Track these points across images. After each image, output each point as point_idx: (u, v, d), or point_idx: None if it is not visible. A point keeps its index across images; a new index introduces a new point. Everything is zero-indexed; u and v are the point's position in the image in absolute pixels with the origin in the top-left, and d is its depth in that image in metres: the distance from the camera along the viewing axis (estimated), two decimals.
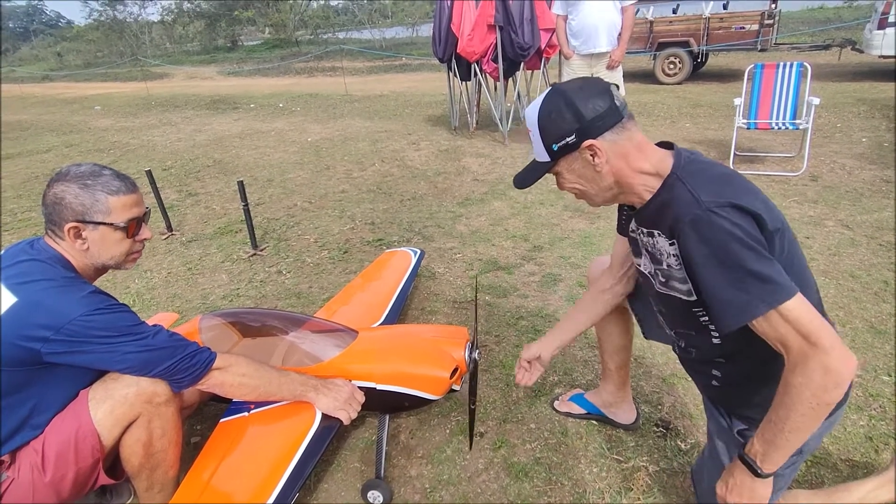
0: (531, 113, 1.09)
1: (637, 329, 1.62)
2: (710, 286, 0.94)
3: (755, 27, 8.51)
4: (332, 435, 1.47)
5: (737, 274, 0.90)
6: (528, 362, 1.54)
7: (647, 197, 1.07)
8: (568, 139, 1.04)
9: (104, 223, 1.27)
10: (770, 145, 4.95)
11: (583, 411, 1.84)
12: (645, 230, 1.11)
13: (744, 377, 1.11)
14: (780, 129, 4.26)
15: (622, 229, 1.32)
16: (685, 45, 8.92)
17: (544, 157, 1.10)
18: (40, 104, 13.58)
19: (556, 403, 1.91)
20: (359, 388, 1.58)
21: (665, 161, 1.06)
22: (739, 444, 1.15)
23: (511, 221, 3.68)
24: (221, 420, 1.54)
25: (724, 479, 1.07)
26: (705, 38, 8.79)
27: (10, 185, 5.52)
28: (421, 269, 2.92)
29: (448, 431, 1.85)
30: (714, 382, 1.18)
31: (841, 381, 0.86)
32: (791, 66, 4.24)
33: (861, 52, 8.24)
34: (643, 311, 1.52)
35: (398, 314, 2.19)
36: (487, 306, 2.62)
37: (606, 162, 1.05)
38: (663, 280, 1.10)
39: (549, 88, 1.10)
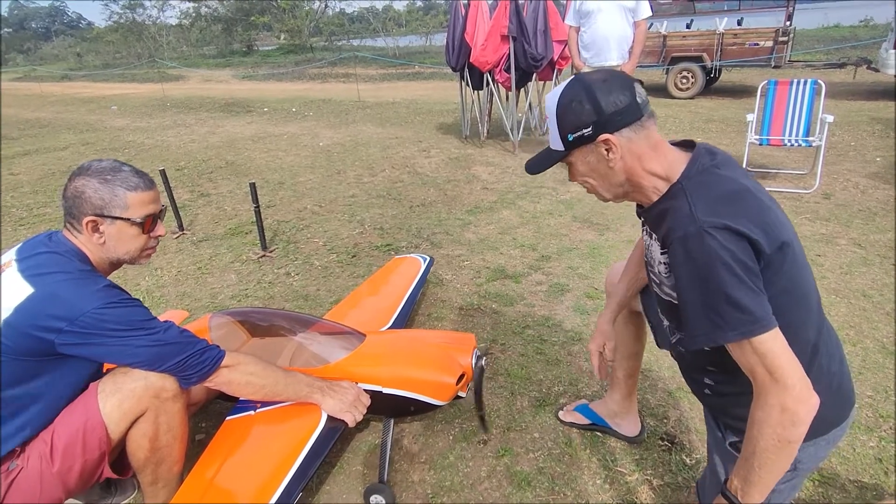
0: (551, 99, 1.07)
1: (649, 339, 1.61)
2: (687, 303, 0.94)
3: (769, 44, 8.48)
4: (336, 437, 1.48)
5: (716, 298, 0.90)
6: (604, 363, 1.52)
7: (654, 199, 1.06)
8: (584, 131, 1.02)
9: (121, 218, 1.29)
10: (782, 162, 4.93)
11: (587, 422, 1.83)
12: (648, 230, 1.11)
13: (734, 388, 1.09)
14: (792, 145, 4.24)
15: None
16: (698, 59, 8.91)
17: (559, 146, 1.08)
18: (59, 103, 13.82)
19: (560, 413, 1.90)
20: (365, 391, 1.58)
21: (677, 165, 1.03)
22: (733, 458, 1.14)
23: (519, 230, 3.68)
24: (227, 418, 1.55)
25: None
26: (719, 53, 8.77)
27: (27, 180, 5.61)
28: (429, 275, 2.93)
29: (451, 438, 1.85)
30: (706, 391, 1.17)
31: (797, 419, 0.87)
32: (805, 83, 4.22)
33: (877, 70, 8.18)
34: (657, 319, 1.51)
35: (405, 320, 2.19)
36: (494, 314, 2.62)
37: (620, 158, 1.03)
38: (657, 282, 1.11)
39: (572, 76, 1.07)
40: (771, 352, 0.88)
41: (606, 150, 1.03)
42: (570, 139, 1.05)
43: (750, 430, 0.93)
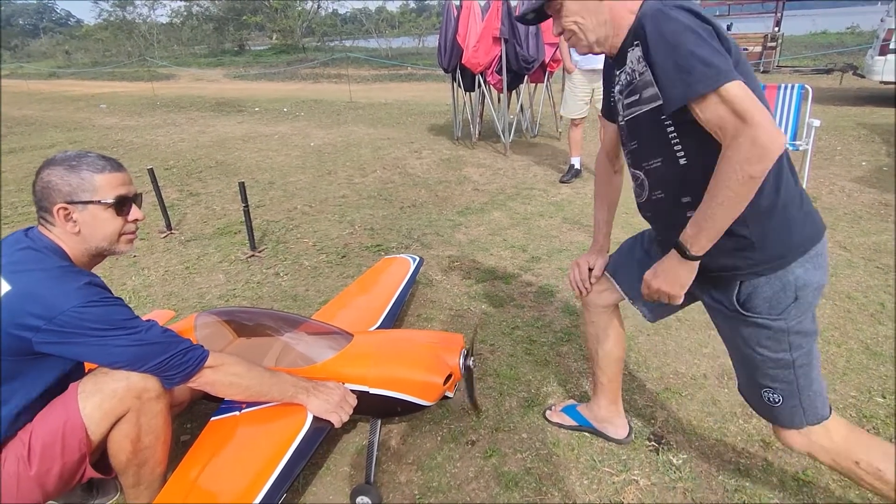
0: None
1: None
2: (662, 71, 1.03)
3: (758, 49, 8.62)
4: (322, 437, 1.46)
5: (684, 58, 0.98)
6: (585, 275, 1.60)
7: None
8: None
9: (92, 201, 1.27)
10: None
11: (574, 423, 1.83)
12: (620, 70, 1.19)
13: None
14: None
15: (608, 113, 1.42)
16: None
17: None
18: (46, 100, 13.65)
19: (548, 413, 1.90)
20: (352, 391, 1.57)
21: None
22: (747, 319, 1.21)
23: (510, 232, 3.69)
24: (212, 418, 1.53)
25: (654, 267, 1.17)
26: None
27: (12, 178, 5.53)
28: (418, 276, 2.92)
29: (439, 438, 1.84)
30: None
31: (764, 154, 0.93)
32: (792, 87, 4.27)
33: (862, 77, 8.30)
34: (626, 276, 1.53)
35: (394, 320, 2.19)
36: (483, 315, 2.62)
37: None
38: (635, 98, 1.16)
39: None
40: (737, 97, 0.95)
41: None
42: None
43: (716, 170, 0.99)
